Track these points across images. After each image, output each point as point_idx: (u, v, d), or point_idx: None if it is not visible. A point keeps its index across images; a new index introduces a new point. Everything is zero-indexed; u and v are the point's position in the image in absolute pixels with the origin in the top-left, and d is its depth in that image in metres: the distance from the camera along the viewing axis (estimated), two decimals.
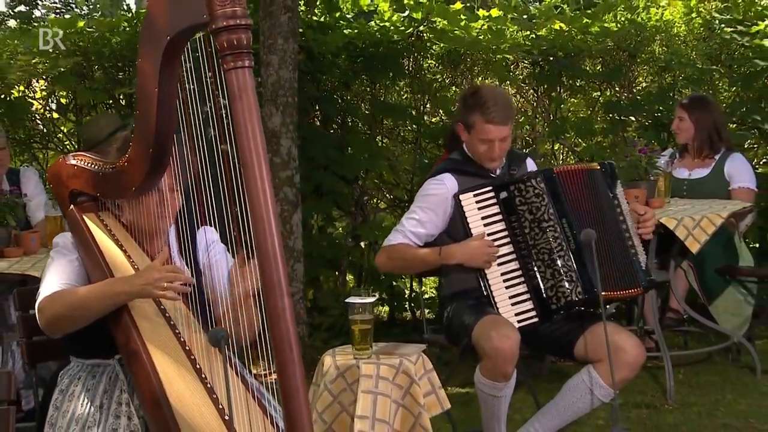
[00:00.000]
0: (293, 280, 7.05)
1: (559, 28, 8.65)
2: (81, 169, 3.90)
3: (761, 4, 8.65)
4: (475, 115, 5.05)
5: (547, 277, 4.88)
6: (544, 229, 4.88)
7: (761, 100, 8.38)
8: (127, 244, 3.87)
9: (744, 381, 6.54)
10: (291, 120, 6.99)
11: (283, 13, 6.83)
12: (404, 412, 4.61)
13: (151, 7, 3.46)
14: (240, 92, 3.01)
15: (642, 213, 5.16)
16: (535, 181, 4.92)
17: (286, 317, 3.01)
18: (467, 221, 4.95)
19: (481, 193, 4.96)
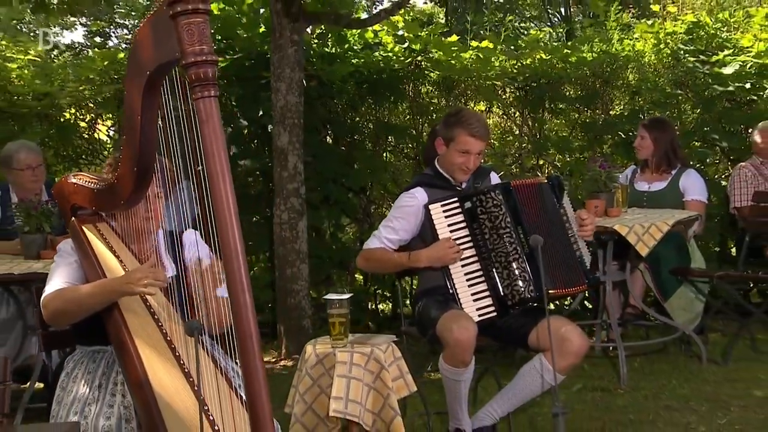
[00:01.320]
0: (299, 279, 6.98)
1: (542, 58, 8.64)
2: (80, 186, 3.98)
3: (721, 36, 8.62)
4: (457, 130, 5.08)
5: (504, 278, 4.89)
6: (501, 235, 4.90)
7: (721, 121, 8.33)
8: (119, 249, 3.95)
9: (690, 369, 6.51)
10: (297, 139, 6.95)
11: (290, 46, 6.79)
12: (375, 394, 4.63)
13: (137, 43, 3.50)
14: (207, 117, 3.07)
15: (584, 218, 5.19)
16: (494, 193, 4.94)
17: (247, 311, 3.06)
18: (435, 228, 4.96)
19: (447, 204, 4.98)
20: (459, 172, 5.14)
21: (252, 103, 7.87)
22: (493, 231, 4.91)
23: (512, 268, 4.88)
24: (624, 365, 6.21)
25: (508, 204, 4.93)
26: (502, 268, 4.90)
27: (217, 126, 3.06)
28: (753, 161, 7.46)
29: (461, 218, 4.97)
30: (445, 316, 4.87)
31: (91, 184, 3.93)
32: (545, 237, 4.78)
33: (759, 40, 8.42)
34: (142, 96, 3.44)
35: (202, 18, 3.07)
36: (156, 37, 3.27)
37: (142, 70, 3.38)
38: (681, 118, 8.63)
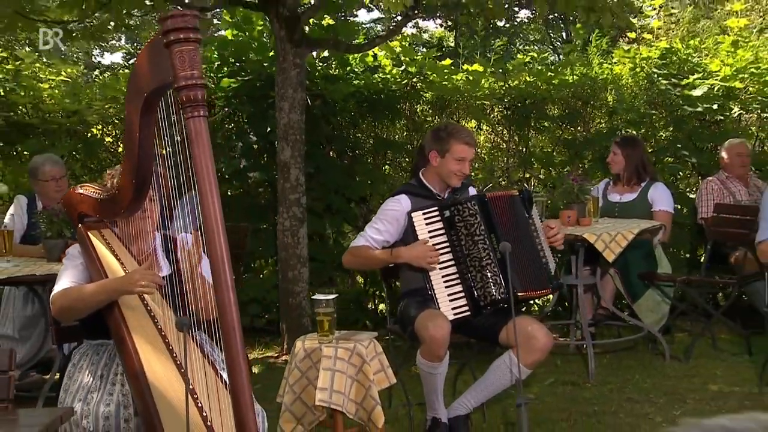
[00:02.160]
0: (300, 281, 6.98)
1: (527, 80, 8.68)
2: (86, 196, 4.06)
3: (692, 61, 8.65)
4: (451, 141, 5.15)
5: (478, 280, 4.96)
6: (476, 242, 4.96)
7: (691, 138, 8.34)
8: (120, 252, 4.03)
9: (655, 365, 6.55)
10: (299, 153, 6.95)
11: (293, 69, 6.81)
12: (357, 386, 4.67)
13: (136, 68, 3.58)
14: (196, 135, 3.16)
15: (552, 227, 5.25)
16: (470, 203, 5.01)
17: (231, 307, 3.14)
18: (417, 234, 5.03)
19: (428, 212, 5.05)
20: (454, 179, 5.21)
21: (261, 121, 7.95)
22: (468, 238, 4.98)
23: (485, 272, 4.94)
24: (592, 361, 6.26)
25: (483, 214, 4.99)
26: (476, 272, 4.96)
27: (206, 143, 3.16)
28: (719, 176, 7.50)
29: (440, 225, 5.04)
30: (422, 315, 4.94)
31: (95, 194, 4.01)
32: (515, 245, 4.84)
33: (726, 65, 8.43)
34: (140, 115, 3.52)
35: (193, 46, 3.16)
36: (152, 62, 3.35)
37: (140, 92, 3.46)
38: (655, 136, 8.64)
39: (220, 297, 3.14)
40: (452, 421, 5.09)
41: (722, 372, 6.25)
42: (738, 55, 8.61)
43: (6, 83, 8.22)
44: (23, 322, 6.10)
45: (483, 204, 5.03)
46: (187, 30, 3.14)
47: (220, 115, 8.38)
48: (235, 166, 8.16)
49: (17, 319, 6.17)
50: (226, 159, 8.20)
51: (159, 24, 3.28)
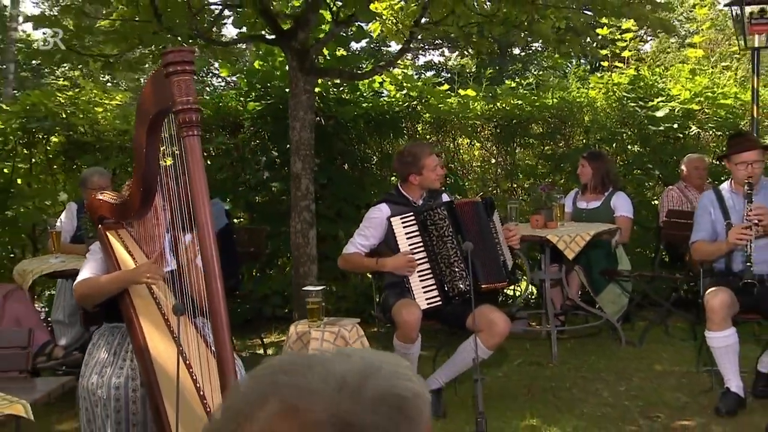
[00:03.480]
0: (309, 275, 7.00)
1: (513, 102, 8.71)
2: (104, 202, 4.24)
3: (657, 86, 8.71)
4: (422, 159, 5.31)
5: (447, 275, 5.09)
6: (445, 242, 5.10)
7: (656, 153, 8.39)
8: (132, 248, 4.20)
9: (611, 349, 6.62)
10: (309, 166, 6.99)
11: (303, 93, 6.87)
12: None
13: (142, 96, 3.75)
14: (191, 151, 3.33)
15: (511, 230, 5.37)
16: (440, 209, 5.15)
17: (218, 295, 3.34)
18: (395, 236, 5.20)
19: (405, 218, 5.20)
20: (437, 183, 5.41)
21: (281, 138, 8.04)
22: (439, 239, 5.12)
23: (453, 267, 5.08)
24: (555, 345, 6.35)
25: (451, 218, 5.14)
26: (445, 267, 5.11)
27: (199, 158, 3.33)
28: (679, 185, 7.53)
29: (415, 228, 5.19)
30: (398, 304, 5.10)
31: (112, 200, 4.20)
32: (477, 244, 4.99)
33: (685, 89, 8.50)
34: (146, 134, 3.69)
35: (189, 76, 3.33)
36: (155, 90, 3.53)
37: (146, 115, 3.63)
38: (625, 151, 8.70)
39: (209, 284, 3.34)
40: None
41: (668, 355, 6.33)
42: (696, 81, 8.67)
43: (67, 107, 8.41)
44: (71, 309, 6.29)
45: (451, 210, 5.18)
46: (184, 63, 3.32)
47: (248, 133, 8.52)
48: (259, 177, 8.31)
49: (66, 306, 6.37)
50: (252, 171, 8.34)
51: (161, 58, 3.45)
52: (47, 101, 8.38)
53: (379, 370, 0.90)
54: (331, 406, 0.83)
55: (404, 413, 0.86)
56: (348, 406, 0.83)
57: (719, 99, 8.31)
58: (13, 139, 8.30)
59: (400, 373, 0.91)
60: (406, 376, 0.91)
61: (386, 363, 0.92)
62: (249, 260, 7.71)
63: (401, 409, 0.86)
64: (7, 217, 8.22)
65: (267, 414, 0.84)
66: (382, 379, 0.88)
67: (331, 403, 0.83)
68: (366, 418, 0.83)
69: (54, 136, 8.38)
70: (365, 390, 0.85)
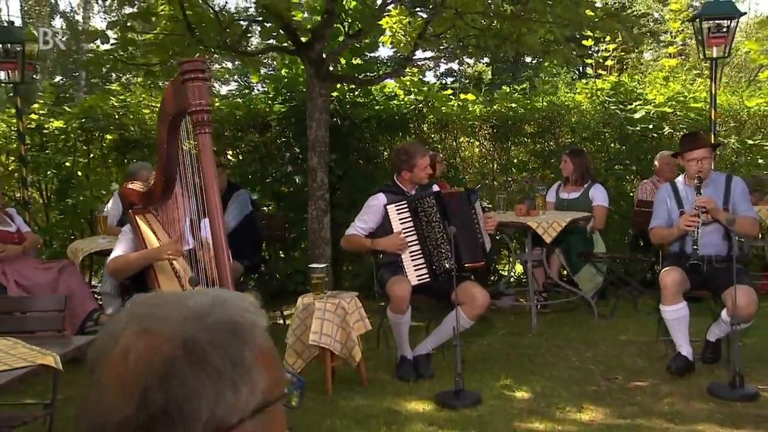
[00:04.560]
0: (323, 256, 7.10)
1: (507, 105, 8.80)
2: (134, 190, 4.43)
3: (635, 91, 8.77)
4: (414, 158, 5.47)
5: (435, 255, 5.25)
6: (433, 227, 5.26)
7: (633, 150, 8.47)
8: (157, 230, 4.39)
9: (585, 321, 6.73)
10: (324, 161, 7.14)
11: (319, 97, 7.01)
12: (341, 330, 4.99)
13: (163, 99, 3.93)
14: (203, 147, 3.51)
15: (489, 217, 5.51)
16: (429, 198, 5.31)
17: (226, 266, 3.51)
18: (391, 221, 5.35)
19: (399, 205, 5.35)
20: (425, 180, 5.54)
21: (303, 136, 8.15)
22: (428, 224, 5.28)
23: (440, 249, 5.24)
24: (535, 318, 6.48)
25: (439, 206, 5.29)
26: (433, 249, 5.27)
27: (209, 152, 3.50)
28: (653, 179, 7.60)
29: (408, 215, 5.34)
30: (391, 280, 5.27)
31: (139, 188, 4.39)
32: (460, 229, 5.16)
33: (660, 94, 8.57)
34: (167, 133, 3.86)
35: (202, 82, 3.50)
36: (174, 94, 3.70)
37: (167, 116, 3.81)
38: (606, 149, 8.77)
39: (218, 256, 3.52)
40: (417, 357, 5.39)
41: (633, 327, 6.43)
42: (669, 87, 8.73)
43: (119, 109, 8.63)
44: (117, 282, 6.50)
45: (438, 198, 5.34)
46: (197, 71, 3.49)
47: (274, 132, 8.70)
48: (283, 171, 8.48)
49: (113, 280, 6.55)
50: (277, 165, 8.53)
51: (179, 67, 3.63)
52: (103, 104, 8.62)
53: (225, 302, 1.01)
54: (178, 329, 0.94)
55: (237, 334, 0.97)
56: (192, 327, 0.95)
57: (690, 103, 8.38)
58: (74, 137, 8.57)
59: (243, 306, 1.02)
60: (248, 309, 1.01)
61: (234, 298, 1.03)
62: (273, 242, 7.91)
63: (235, 331, 0.97)
64: (68, 204, 8.49)
65: (126, 336, 0.95)
66: (225, 309, 0.99)
67: (178, 326, 0.95)
68: (205, 336, 0.94)
69: (108, 135, 8.62)
70: (209, 317, 0.97)
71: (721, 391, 4.70)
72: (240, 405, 0.94)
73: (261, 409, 0.96)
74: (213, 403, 0.92)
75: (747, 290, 4.93)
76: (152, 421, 0.90)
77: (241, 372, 0.94)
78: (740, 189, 5.32)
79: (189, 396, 0.91)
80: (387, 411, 4.65)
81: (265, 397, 0.96)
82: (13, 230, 6.17)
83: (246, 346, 0.96)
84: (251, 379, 0.95)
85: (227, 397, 0.93)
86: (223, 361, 0.93)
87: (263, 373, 0.97)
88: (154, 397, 0.90)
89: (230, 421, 0.93)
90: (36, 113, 8.60)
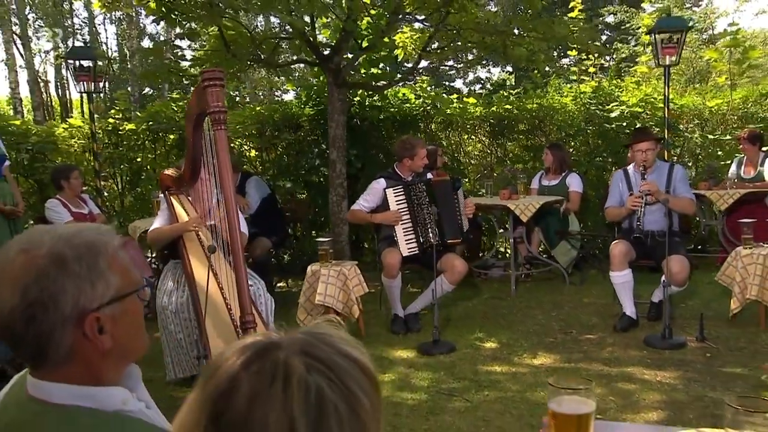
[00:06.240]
0: (342, 234, 7.40)
1: (503, 107, 8.88)
2: (168, 176, 4.67)
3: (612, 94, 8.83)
4: (415, 149, 5.67)
5: (422, 232, 5.44)
6: (422, 208, 5.45)
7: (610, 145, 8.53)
8: (188, 208, 4.58)
9: (559, 288, 6.83)
10: (341, 155, 7.37)
11: (338, 102, 7.26)
12: (343, 292, 5.21)
13: (190, 101, 4.15)
14: (219, 141, 3.71)
15: (468, 204, 5.67)
16: (420, 184, 5.50)
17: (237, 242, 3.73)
18: (389, 202, 5.55)
19: (396, 189, 5.53)
20: (421, 168, 5.70)
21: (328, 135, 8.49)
22: (418, 205, 5.48)
23: (427, 227, 5.43)
24: (514, 285, 6.65)
25: (428, 191, 5.48)
26: (422, 227, 5.46)
27: (224, 145, 3.67)
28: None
29: (403, 197, 5.53)
30: (385, 251, 5.49)
31: (173, 174, 4.65)
32: (444, 211, 5.36)
33: (633, 96, 8.64)
34: (193, 129, 4.07)
35: (219, 88, 3.68)
36: (197, 98, 3.89)
37: (192, 115, 4.00)
38: (588, 144, 8.81)
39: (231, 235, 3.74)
40: (407, 316, 5.62)
41: (597, 292, 6.56)
42: (641, 89, 8.79)
43: (179, 113, 8.93)
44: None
45: (428, 185, 5.52)
46: (215, 79, 3.67)
47: (305, 131, 8.96)
48: (312, 163, 8.74)
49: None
50: (307, 159, 8.79)
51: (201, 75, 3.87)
52: (166, 109, 8.96)
53: (86, 230, 1.22)
54: (50, 246, 1.16)
55: (93, 249, 1.18)
56: (60, 245, 1.17)
57: (658, 103, 8.42)
58: (143, 137, 8.90)
59: (100, 232, 1.23)
60: (103, 234, 1.23)
61: (93, 227, 1.24)
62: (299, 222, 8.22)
63: (92, 247, 1.19)
64: (138, 192, 8.86)
65: (13, 254, 1.16)
66: (85, 234, 1.21)
67: (50, 245, 1.17)
68: (69, 251, 1.16)
69: (170, 134, 8.93)
70: (74, 238, 1.19)
71: (654, 341, 4.87)
72: (97, 296, 1.17)
73: (115, 300, 1.19)
74: (76, 295, 1.15)
75: (680, 259, 5.08)
76: (31, 308, 1.13)
77: (96, 274, 1.17)
78: (680, 175, 5.46)
79: (57, 290, 1.14)
80: (376, 357, 4.88)
81: (118, 292, 1.20)
82: (86, 212, 6.53)
83: (100, 257, 1.19)
84: (105, 279, 1.18)
85: (86, 291, 1.16)
86: (82, 266, 1.16)
87: (115, 275, 1.20)
88: (32, 291, 1.13)
89: (90, 306, 1.16)
90: (113, 117, 8.98)
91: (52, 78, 24.96)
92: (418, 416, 3.76)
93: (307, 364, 0.82)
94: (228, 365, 0.82)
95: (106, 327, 1.18)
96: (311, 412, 0.79)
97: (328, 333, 0.88)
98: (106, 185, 8.86)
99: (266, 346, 0.84)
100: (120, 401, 1.17)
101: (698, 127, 8.69)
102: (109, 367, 1.20)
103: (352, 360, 0.86)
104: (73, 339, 1.15)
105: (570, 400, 1.26)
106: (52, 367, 1.16)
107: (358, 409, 0.83)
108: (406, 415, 3.77)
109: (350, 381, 0.83)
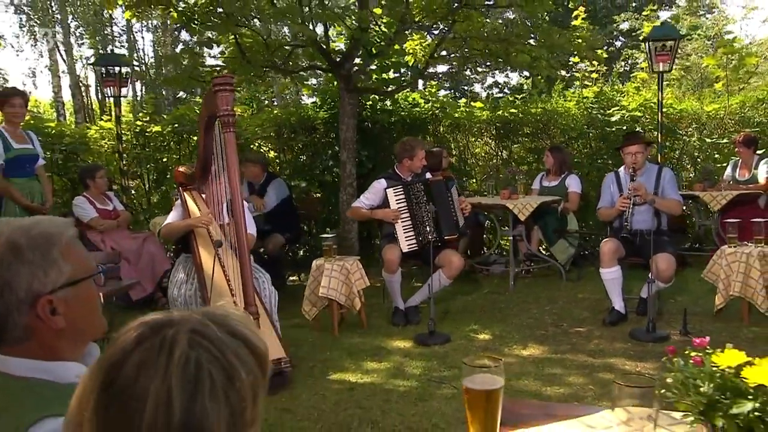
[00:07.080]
0: (351, 231, 7.49)
1: (509, 110, 8.89)
2: (182, 173, 4.81)
3: (613, 99, 8.83)
4: (415, 150, 5.73)
5: (421, 229, 5.51)
6: (421, 207, 5.52)
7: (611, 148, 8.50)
8: (201, 205, 4.72)
9: (555, 284, 6.83)
10: (352, 156, 7.47)
11: (348, 106, 7.37)
12: (346, 286, 5.29)
13: (202, 105, 4.30)
14: (227, 143, 3.87)
15: (463, 201, 5.73)
16: (418, 184, 5.58)
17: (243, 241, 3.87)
18: (389, 201, 5.62)
19: (396, 188, 5.61)
20: (419, 169, 5.74)
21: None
22: (417, 204, 5.54)
23: (425, 224, 5.49)
24: (512, 280, 6.69)
25: (426, 190, 5.55)
26: (420, 224, 5.52)
27: (233, 146, 3.84)
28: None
29: (402, 196, 5.60)
30: (385, 247, 5.57)
31: (186, 171, 4.77)
32: (440, 209, 5.43)
33: (633, 101, 8.63)
34: (204, 131, 4.22)
35: (229, 92, 3.84)
36: (208, 101, 4.06)
37: (204, 117, 4.17)
38: (590, 146, 8.85)
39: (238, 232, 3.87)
40: (407, 309, 5.68)
41: (591, 288, 6.49)
42: (641, 95, 8.78)
43: None
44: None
45: (426, 185, 5.60)
46: (225, 84, 3.85)
47: (320, 133, 9.05)
48: (326, 164, 8.84)
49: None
50: (321, 160, 8.89)
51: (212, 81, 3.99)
52: (189, 113, 9.10)
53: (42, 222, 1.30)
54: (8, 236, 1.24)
55: (47, 239, 1.27)
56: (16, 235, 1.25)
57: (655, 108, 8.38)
58: (168, 138, 9.05)
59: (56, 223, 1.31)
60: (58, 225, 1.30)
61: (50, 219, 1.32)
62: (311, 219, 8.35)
63: (46, 237, 1.27)
64: (163, 191, 8.99)
65: None
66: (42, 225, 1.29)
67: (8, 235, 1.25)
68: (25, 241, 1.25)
69: (194, 136, 8.96)
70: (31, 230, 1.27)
71: (638, 335, 4.91)
72: (50, 282, 1.25)
73: (68, 285, 1.27)
74: (30, 280, 1.24)
75: (667, 257, 5.10)
76: None
77: (49, 261, 1.26)
78: (668, 177, 5.48)
79: (13, 276, 1.23)
80: (375, 347, 4.97)
81: (71, 278, 1.28)
82: (110, 209, 6.69)
83: (54, 246, 1.27)
84: (58, 266, 1.26)
85: (39, 277, 1.24)
86: (35, 255, 1.25)
87: (68, 263, 1.28)
88: None
89: (44, 290, 1.25)
90: (140, 120, 9.14)
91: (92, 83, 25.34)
92: (408, 402, 3.83)
93: (192, 339, 0.84)
94: (123, 338, 0.86)
95: (59, 309, 1.26)
96: (188, 383, 0.81)
97: (223, 314, 0.91)
98: (135, 184, 9.03)
99: (161, 323, 0.87)
100: (74, 375, 1.26)
101: (696, 130, 8.67)
102: (65, 345, 1.28)
103: (240, 338, 0.88)
104: (28, 319, 1.24)
105: (482, 378, 1.34)
106: (11, 344, 1.25)
107: (235, 381, 0.84)
108: (396, 401, 3.85)
109: (231, 355, 0.85)
